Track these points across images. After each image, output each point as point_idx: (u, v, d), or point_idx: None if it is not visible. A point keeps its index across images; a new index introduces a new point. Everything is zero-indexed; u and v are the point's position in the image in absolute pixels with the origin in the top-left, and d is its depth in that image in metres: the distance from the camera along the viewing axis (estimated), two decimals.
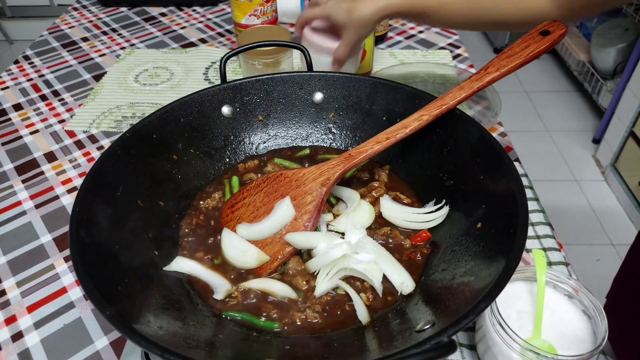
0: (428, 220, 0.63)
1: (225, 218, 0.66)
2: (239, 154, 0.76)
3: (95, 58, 1.18)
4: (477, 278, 0.48)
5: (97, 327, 0.61)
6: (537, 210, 0.75)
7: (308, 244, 0.59)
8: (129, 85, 1.06)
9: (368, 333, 0.52)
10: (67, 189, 0.82)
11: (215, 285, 0.58)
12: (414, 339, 0.44)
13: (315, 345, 0.52)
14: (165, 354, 0.40)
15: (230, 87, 0.73)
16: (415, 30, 1.24)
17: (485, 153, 0.59)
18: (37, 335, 0.61)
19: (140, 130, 0.65)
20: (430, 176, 0.68)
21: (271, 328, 0.54)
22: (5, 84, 1.09)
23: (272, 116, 0.77)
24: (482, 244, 0.54)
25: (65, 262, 0.70)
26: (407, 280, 0.56)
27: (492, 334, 0.51)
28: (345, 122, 0.77)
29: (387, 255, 0.58)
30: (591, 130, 2.48)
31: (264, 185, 0.66)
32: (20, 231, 0.75)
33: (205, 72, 1.10)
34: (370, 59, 1.00)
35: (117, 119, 0.97)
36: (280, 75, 0.75)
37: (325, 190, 0.62)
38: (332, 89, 0.76)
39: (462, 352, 0.57)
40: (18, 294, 0.66)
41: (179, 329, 0.49)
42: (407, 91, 0.70)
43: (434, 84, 0.99)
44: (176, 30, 1.28)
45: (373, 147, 0.63)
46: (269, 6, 1.05)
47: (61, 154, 0.89)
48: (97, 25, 1.32)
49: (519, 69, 0.61)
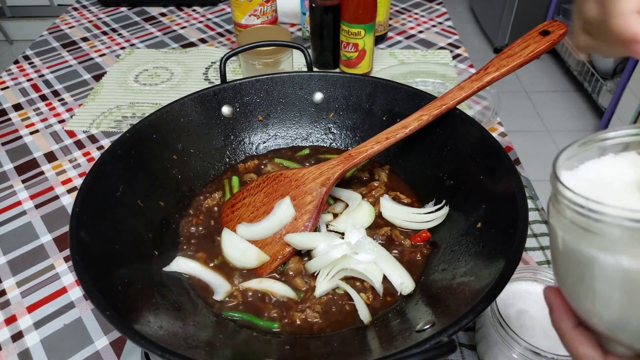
0: (428, 221, 0.63)
1: (225, 218, 0.66)
2: (239, 154, 0.76)
3: (95, 58, 1.18)
4: (477, 278, 0.48)
5: (97, 327, 0.61)
6: (533, 209, 0.75)
7: (308, 245, 0.59)
8: (129, 85, 1.06)
9: (368, 333, 0.52)
10: (67, 189, 0.82)
11: (215, 286, 0.58)
12: (414, 339, 0.44)
13: (315, 345, 0.52)
14: (165, 354, 0.40)
15: (230, 87, 0.73)
16: (415, 30, 1.24)
17: (485, 153, 0.59)
18: (37, 335, 0.61)
19: (140, 130, 0.65)
20: (430, 176, 0.68)
21: (271, 328, 0.54)
22: (5, 84, 1.09)
23: (272, 116, 0.77)
24: (482, 244, 0.54)
25: (65, 262, 0.70)
26: (407, 281, 0.56)
27: (492, 334, 0.51)
28: (345, 122, 0.77)
29: (387, 255, 0.58)
30: (591, 130, 2.48)
31: (264, 185, 0.66)
32: (20, 231, 0.75)
33: (205, 72, 1.10)
34: (370, 59, 1.00)
35: (117, 119, 0.97)
36: (280, 75, 0.75)
37: (325, 190, 0.62)
38: (332, 89, 0.76)
39: (462, 352, 0.57)
40: (18, 294, 0.66)
41: (179, 329, 0.49)
42: (407, 91, 0.70)
43: (434, 84, 0.99)
44: (176, 30, 1.28)
45: (373, 147, 0.63)
46: (269, 6, 1.05)
47: (61, 154, 0.89)
48: (97, 25, 1.32)
49: (519, 69, 0.61)
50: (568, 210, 0.29)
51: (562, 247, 0.31)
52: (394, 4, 1.37)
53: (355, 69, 1.01)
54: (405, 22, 1.28)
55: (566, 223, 0.30)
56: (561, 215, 0.30)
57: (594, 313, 0.31)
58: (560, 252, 0.32)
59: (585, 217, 0.28)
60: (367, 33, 0.95)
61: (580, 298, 0.31)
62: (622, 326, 0.29)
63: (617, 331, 0.30)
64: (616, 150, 0.32)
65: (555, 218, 0.31)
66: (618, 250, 0.27)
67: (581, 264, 0.29)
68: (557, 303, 0.34)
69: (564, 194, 0.29)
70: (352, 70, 1.01)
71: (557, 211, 0.30)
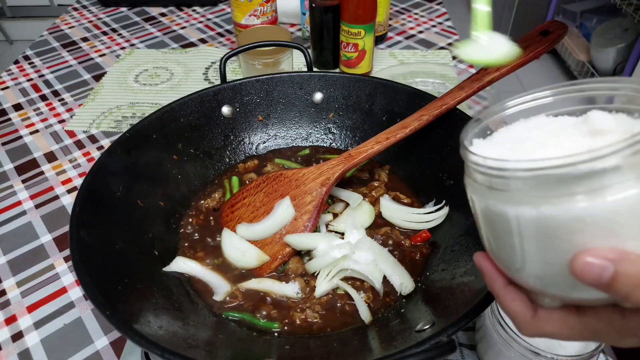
0: (428, 221, 0.63)
1: (225, 218, 0.66)
2: (239, 154, 0.76)
3: (95, 58, 1.18)
4: (477, 278, 0.48)
5: (97, 327, 0.61)
6: None
7: (308, 245, 0.59)
8: (129, 85, 1.06)
9: (368, 333, 0.52)
10: (67, 189, 0.82)
11: (215, 286, 0.58)
12: (414, 339, 0.44)
13: (315, 345, 0.52)
14: (165, 354, 0.40)
15: (230, 87, 0.73)
16: (415, 31, 1.24)
17: None
18: (37, 335, 0.61)
19: (140, 130, 0.65)
20: (430, 176, 0.68)
21: (271, 328, 0.54)
22: (5, 84, 1.09)
23: (272, 116, 0.77)
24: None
25: (65, 262, 0.70)
26: (407, 281, 0.56)
27: (492, 334, 0.51)
28: (345, 122, 0.77)
29: (387, 255, 0.58)
30: None
31: (264, 185, 0.66)
32: (20, 231, 0.75)
33: (205, 72, 1.10)
34: (370, 59, 1.01)
35: (117, 119, 0.97)
36: (280, 75, 0.75)
37: (325, 190, 0.62)
38: (332, 89, 0.76)
39: (462, 352, 0.57)
40: (18, 294, 0.66)
41: (179, 329, 0.49)
42: (407, 91, 0.70)
43: (434, 84, 0.99)
44: (176, 30, 1.28)
45: (373, 147, 0.63)
46: (269, 6, 1.05)
47: (61, 154, 0.89)
48: (97, 25, 1.32)
49: (519, 69, 0.61)
50: (477, 175, 0.31)
51: (478, 211, 0.33)
52: (394, 4, 1.37)
53: (355, 69, 1.01)
54: (405, 22, 1.28)
55: (477, 187, 0.32)
56: (474, 181, 0.32)
57: (516, 269, 0.32)
58: (478, 217, 0.34)
59: (488, 176, 0.30)
60: (367, 33, 0.95)
61: (503, 257, 0.33)
62: (542, 277, 0.31)
63: (539, 283, 0.31)
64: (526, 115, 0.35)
65: (470, 187, 0.33)
66: (521, 201, 0.28)
67: (495, 222, 0.31)
68: (487, 266, 0.35)
69: (470, 158, 0.31)
70: (352, 70, 1.01)
71: (471, 180, 0.33)
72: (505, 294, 0.34)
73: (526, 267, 0.31)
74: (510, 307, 0.34)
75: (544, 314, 0.32)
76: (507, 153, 0.31)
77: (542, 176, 0.27)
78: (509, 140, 0.33)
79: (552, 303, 0.32)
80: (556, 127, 0.32)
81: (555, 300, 0.32)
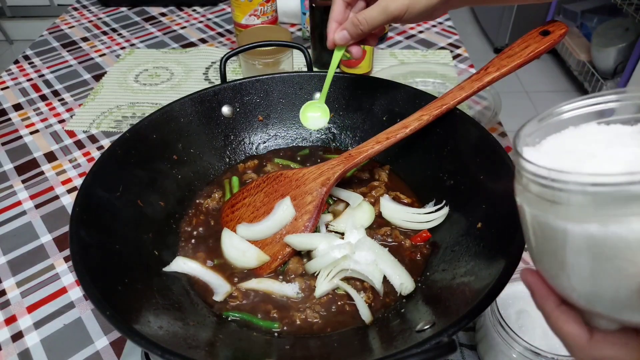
0: (428, 221, 0.63)
1: (225, 218, 0.66)
2: (239, 154, 0.76)
3: (95, 58, 1.18)
4: (477, 278, 0.48)
5: (97, 327, 0.61)
6: None
7: (308, 246, 0.59)
8: (129, 85, 1.06)
9: (368, 333, 0.52)
10: (67, 189, 0.82)
11: (215, 286, 0.58)
12: (414, 339, 0.44)
13: (315, 345, 0.52)
14: (165, 354, 0.40)
15: (230, 87, 0.73)
16: (415, 30, 1.24)
17: (485, 153, 0.59)
18: (37, 335, 0.61)
19: (140, 130, 0.65)
20: (430, 176, 0.68)
21: (271, 328, 0.54)
22: (5, 84, 1.09)
23: (272, 116, 0.77)
24: (482, 244, 0.53)
25: (65, 262, 0.70)
26: (407, 281, 0.56)
27: (493, 334, 0.50)
28: (345, 122, 0.77)
29: (387, 255, 0.58)
30: None
31: (264, 185, 0.66)
32: (20, 231, 0.74)
33: (205, 72, 1.10)
34: (370, 59, 1.00)
35: (117, 119, 0.97)
36: (280, 75, 0.75)
37: (325, 190, 0.62)
38: (332, 89, 0.75)
39: (462, 352, 0.57)
40: (18, 294, 0.66)
41: (179, 329, 0.49)
42: (407, 91, 0.70)
43: (434, 84, 0.99)
44: (176, 30, 1.28)
45: (373, 147, 0.63)
46: (269, 6, 1.05)
47: (61, 154, 0.89)
48: (97, 25, 1.32)
49: (519, 69, 0.61)
50: (532, 185, 0.29)
51: (531, 224, 0.31)
52: None
53: (355, 69, 1.01)
54: None
55: (532, 198, 0.29)
56: (527, 190, 0.30)
57: (571, 288, 0.30)
58: (531, 230, 0.31)
59: (549, 188, 0.27)
60: None
61: (557, 274, 0.31)
62: (599, 298, 0.29)
63: (595, 304, 0.29)
64: (576, 123, 0.32)
65: (522, 195, 0.30)
66: (585, 218, 0.26)
67: (552, 238, 0.29)
68: (537, 284, 0.33)
69: (527, 167, 0.28)
70: (352, 70, 1.01)
71: (522, 188, 0.30)
72: (558, 315, 0.31)
73: (581, 286, 0.29)
74: (563, 330, 0.31)
75: (601, 337, 0.30)
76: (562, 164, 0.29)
77: (611, 192, 0.24)
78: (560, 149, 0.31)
79: (609, 325, 0.30)
80: (610, 136, 0.30)
81: (613, 323, 0.30)
